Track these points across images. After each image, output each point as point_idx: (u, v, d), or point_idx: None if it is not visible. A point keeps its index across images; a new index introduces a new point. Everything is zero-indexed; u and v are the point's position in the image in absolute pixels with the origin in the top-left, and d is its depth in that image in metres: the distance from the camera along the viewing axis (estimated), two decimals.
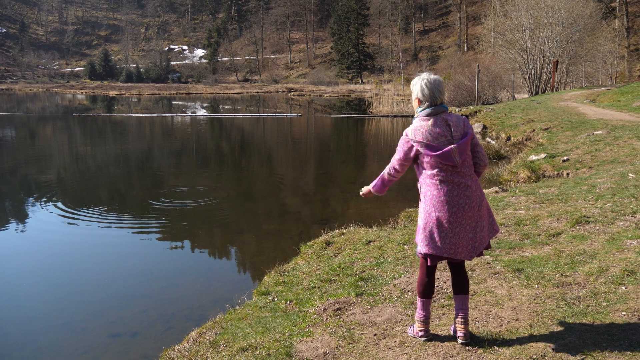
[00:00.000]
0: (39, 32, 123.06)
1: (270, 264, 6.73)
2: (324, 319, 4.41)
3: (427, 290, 3.63)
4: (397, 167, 3.60)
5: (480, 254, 3.63)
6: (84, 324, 5.97)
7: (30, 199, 12.03)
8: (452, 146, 3.40)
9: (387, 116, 31.55)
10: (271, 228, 9.66)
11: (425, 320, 3.71)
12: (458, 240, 3.45)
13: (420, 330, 3.73)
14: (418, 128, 3.45)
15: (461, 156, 3.43)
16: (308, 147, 21.75)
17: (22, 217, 10.39)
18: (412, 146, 3.46)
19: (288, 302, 5.12)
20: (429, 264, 3.57)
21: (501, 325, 3.83)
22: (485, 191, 8.81)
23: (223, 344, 4.33)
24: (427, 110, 3.46)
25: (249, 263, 8.11)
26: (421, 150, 3.42)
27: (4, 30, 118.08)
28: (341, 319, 4.32)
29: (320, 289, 5.28)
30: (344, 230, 7.57)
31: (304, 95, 58.92)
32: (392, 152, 3.65)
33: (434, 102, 3.46)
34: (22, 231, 9.49)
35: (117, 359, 5.25)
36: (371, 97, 39.43)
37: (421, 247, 3.51)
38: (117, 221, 9.89)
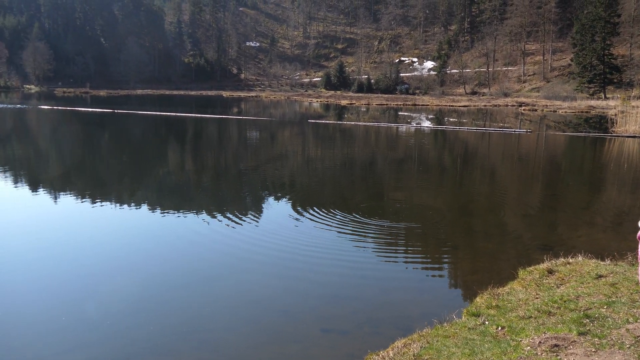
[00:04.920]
0: (285, 45, 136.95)
1: (484, 285, 6.46)
2: (539, 353, 4.06)
3: None
4: None
5: None
6: (301, 315, 6.44)
7: (265, 194, 13.49)
8: None
9: (635, 137, 27.87)
10: (488, 247, 9.25)
11: None
12: None
13: None
14: None
15: None
16: (536, 165, 20.32)
17: (257, 210, 11.65)
18: None
19: (499, 327, 4.85)
20: None
21: None
22: None
23: (427, 359, 4.27)
24: None
25: (461, 281, 7.88)
26: None
27: (257, 44, 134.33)
28: (558, 357, 3.94)
29: (537, 319, 4.89)
30: (570, 260, 6.93)
31: (535, 110, 55.31)
32: (637, 177, 3.20)
33: None
34: (255, 224, 10.62)
35: (326, 353, 5.54)
36: (615, 115, 35.22)
37: None
38: (338, 225, 10.42)
